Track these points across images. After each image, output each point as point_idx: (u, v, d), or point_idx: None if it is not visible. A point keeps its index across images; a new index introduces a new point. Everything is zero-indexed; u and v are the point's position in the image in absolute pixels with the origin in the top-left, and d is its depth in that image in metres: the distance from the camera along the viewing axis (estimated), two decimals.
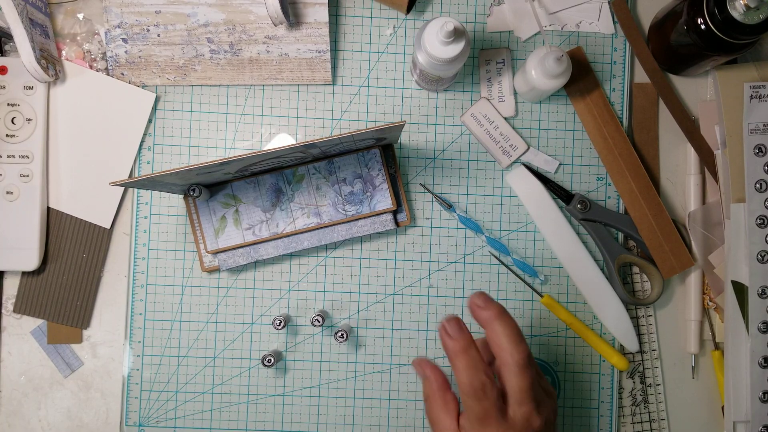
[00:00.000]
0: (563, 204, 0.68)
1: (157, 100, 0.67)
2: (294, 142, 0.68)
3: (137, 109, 0.67)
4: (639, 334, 0.69)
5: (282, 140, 0.68)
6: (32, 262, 0.65)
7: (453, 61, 0.59)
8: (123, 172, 0.67)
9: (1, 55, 0.67)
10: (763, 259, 0.65)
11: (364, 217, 0.66)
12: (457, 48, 0.58)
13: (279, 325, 0.63)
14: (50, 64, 0.64)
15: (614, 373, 0.69)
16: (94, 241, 0.67)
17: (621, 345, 0.69)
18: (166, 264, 0.67)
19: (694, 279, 0.69)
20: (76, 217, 0.67)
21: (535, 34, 0.69)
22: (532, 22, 0.68)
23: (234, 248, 0.65)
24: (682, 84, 0.70)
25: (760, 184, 0.66)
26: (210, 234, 0.65)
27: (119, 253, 0.68)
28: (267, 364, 0.63)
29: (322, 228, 0.66)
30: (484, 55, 0.68)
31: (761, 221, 0.65)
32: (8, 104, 0.65)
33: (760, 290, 0.65)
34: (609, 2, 0.69)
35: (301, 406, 0.68)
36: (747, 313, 0.65)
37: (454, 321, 0.53)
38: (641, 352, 0.69)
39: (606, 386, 0.69)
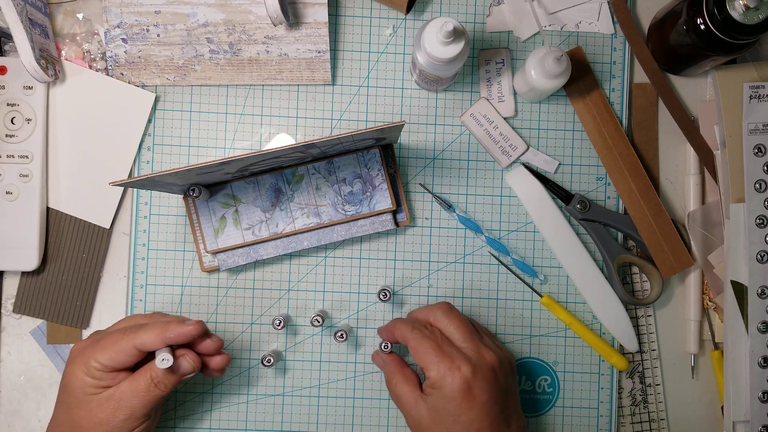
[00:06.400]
0: (563, 204, 0.68)
1: (156, 100, 0.67)
2: (294, 142, 0.68)
3: (137, 109, 0.67)
4: (638, 334, 0.69)
5: (281, 140, 0.68)
6: (32, 262, 0.65)
7: (452, 61, 0.59)
8: (122, 172, 0.67)
9: (1, 55, 0.67)
10: (762, 259, 0.65)
11: (364, 217, 0.66)
12: (456, 48, 0.58)
13: (278, 325, 0.63)
14: (50, 64, 0.64)
15: (614, 373, 0.69)
16: (93, 241, 0.67)
17: (620, 345, 0.69)
18: (165, 264, 0.67)
19: (693, 279, 0.69)
20: (76, 217, 0.67)
21: (535, 34, 0.69)
22: (531, 22, 0.68)
23: (234, 248, 0.65)
24: (682, 84, 0.70)
25: (760, 184, 0.66)
26: (210, 234, 0.65)
27: (119, 253, 0.68)
28: (266, 364, 0.63)
29: (321, 228, 0.66)
30: (483, 55, 0.68)
31: (761, 221, 0.65)
32: (8, 104, 0.65)
33: (759, 290, 0.65)
34: (608, 2, 0.69)
35: (301, 406, 0.68)
36: (746, 313, 0.65)
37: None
38: (641, 352, 0.69)
39: (605, 386, 0.69)
